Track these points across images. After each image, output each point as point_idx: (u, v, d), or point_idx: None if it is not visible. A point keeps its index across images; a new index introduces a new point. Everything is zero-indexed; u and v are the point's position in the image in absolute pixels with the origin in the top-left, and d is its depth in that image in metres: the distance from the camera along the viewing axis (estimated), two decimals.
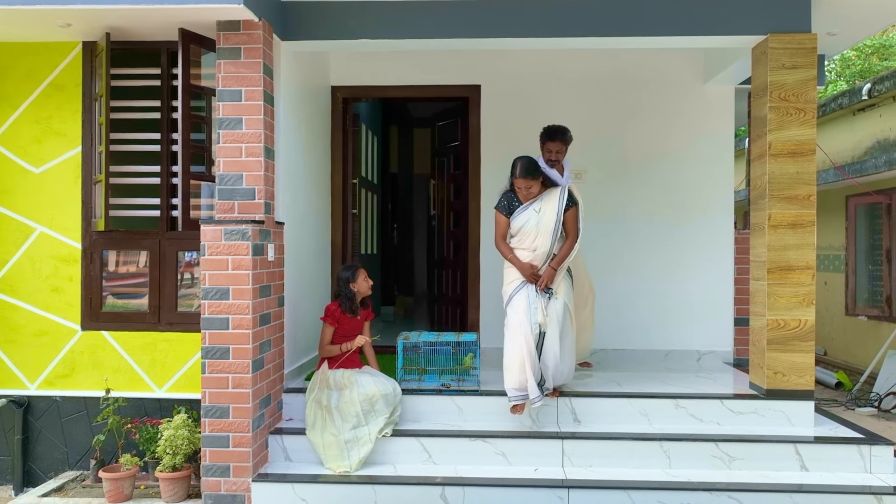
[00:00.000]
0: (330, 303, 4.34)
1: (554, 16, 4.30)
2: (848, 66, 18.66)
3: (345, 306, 4.26)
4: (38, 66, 4.57)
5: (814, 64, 4.24)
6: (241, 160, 4.01)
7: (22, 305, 4.58)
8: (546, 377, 4.12)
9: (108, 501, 3.97)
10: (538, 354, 4.06)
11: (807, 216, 4.25)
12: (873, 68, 18.06)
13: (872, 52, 17.94)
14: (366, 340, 4.33)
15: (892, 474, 3.92)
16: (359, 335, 4.30)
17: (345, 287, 4.28)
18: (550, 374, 4.14)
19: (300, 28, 4.37)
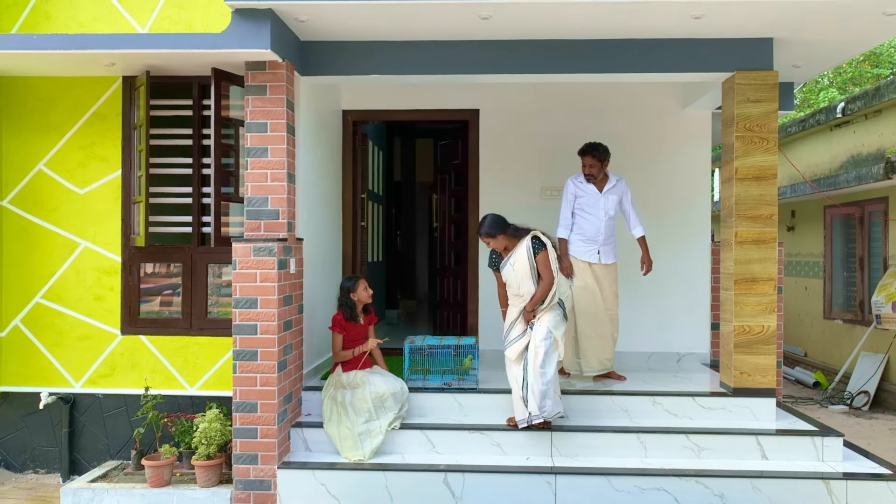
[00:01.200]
0: (335, 313, 4.84)
1: (546, 55, 4.81)
2: (840, 74, 19.18)
3: (347, 314, 4.76)
4: (82, 97, 5.10)
5: (775, 98, 4.77)
6: (266, 184, 4.54)
7: (68, 312, 5.11)
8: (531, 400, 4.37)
9: (149, 486, 4.48)
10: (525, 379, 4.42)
11: (769, 233, 4.78)
12: (864, 75, 18.57)
13: (864, 60, 18.43)
14: (377, 343, 4.85)
15: (841, 462, 4.44)
16: (369, 339, 4.82)
17: (346, 297, 4.79)
18: (538, 401, 4.35)
19: (318, 65, 4.89)
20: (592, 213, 5.16)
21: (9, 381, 5.12)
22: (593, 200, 5.15)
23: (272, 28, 4.30)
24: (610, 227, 5.21)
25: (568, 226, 5.23)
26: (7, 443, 5.16)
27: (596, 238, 5.15)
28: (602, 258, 5.17)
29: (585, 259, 5.17)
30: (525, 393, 4.43)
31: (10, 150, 5.11)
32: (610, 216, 5.19)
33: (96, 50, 4.42)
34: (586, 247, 5.17)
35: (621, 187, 5.23)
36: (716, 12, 4.27)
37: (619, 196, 5.23)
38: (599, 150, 5.11)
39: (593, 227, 5.15)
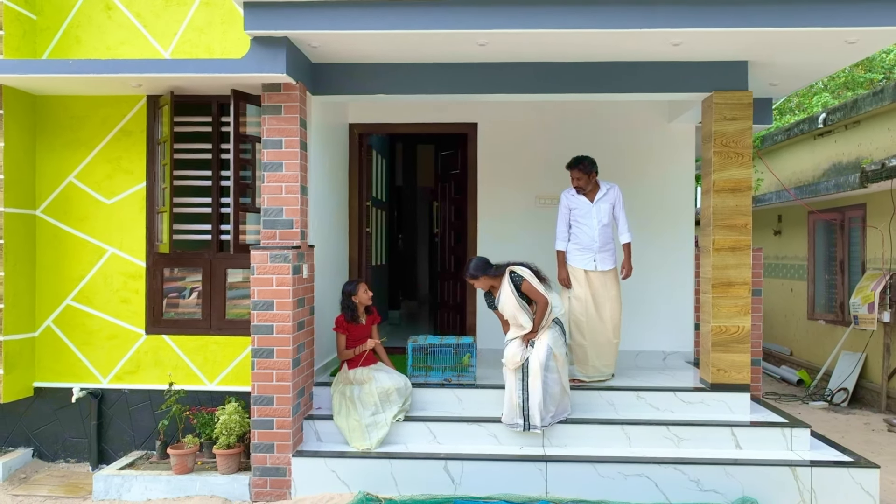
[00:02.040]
0: (338, 315, 5.24)
1: (539, 76, 5.21)
2: (833, 78, 19.53)
3: (349, 316, 5.17)
4: (110, 115, 5.51)
5: (750, 116, 5.16)
6: (281, 196, 4.94)
7: (96, 314, 5.52)
8: (533, 414, 4.77)
9: (174, 473, 4.89)
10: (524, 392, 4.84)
11: (744, 241, 5.18)
12: (857, 80, 18.94)
13: (857, 65, 18.79)
14: (376, 343, 5.25)
15: (808, 451, 4.84)
16: (368, 339, 5.21)
17: (347, 299, 5.19)
18: (538, 412, 4.75)
19: (328, 85, 5.29)
20: (586, 223, 5.43)
21: (42, 378, 5.53)
22: (586, 210, 5.45)
23: (287, 54, 4.70)
24: (605, 235, 5.44)
25: (565, 238, 5.51)
26: (40, 434, 5.57)
27: (591, 246, 5.42)
28: (598, 265, 5.41)
29: (582, 267, 5.43)
30: (526, 407, 4.81)
31: (44, 163, 5.52)
32: (603, 224, 5.44)
33: (127, 74, 4.83)
34: (582, 255, 5.44)
35: (612, 195, 5.48)
36: (691, 40, 4.67)
37: (612, 203, 5.47)
38: (584, 163, 5.37)
39: (588, 236, 5.42)
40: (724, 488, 4.60)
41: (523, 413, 4.82)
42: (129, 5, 5.43)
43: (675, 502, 4.59)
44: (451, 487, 4.70)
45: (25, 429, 5.57)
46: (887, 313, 7.33)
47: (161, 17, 5.43)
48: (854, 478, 4.56)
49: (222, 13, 5.39)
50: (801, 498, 4.55)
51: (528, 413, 4.80)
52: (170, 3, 5.42)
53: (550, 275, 5.27)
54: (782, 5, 4.39)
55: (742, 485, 4.60)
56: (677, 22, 4.42)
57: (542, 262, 6.23)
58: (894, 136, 7.51)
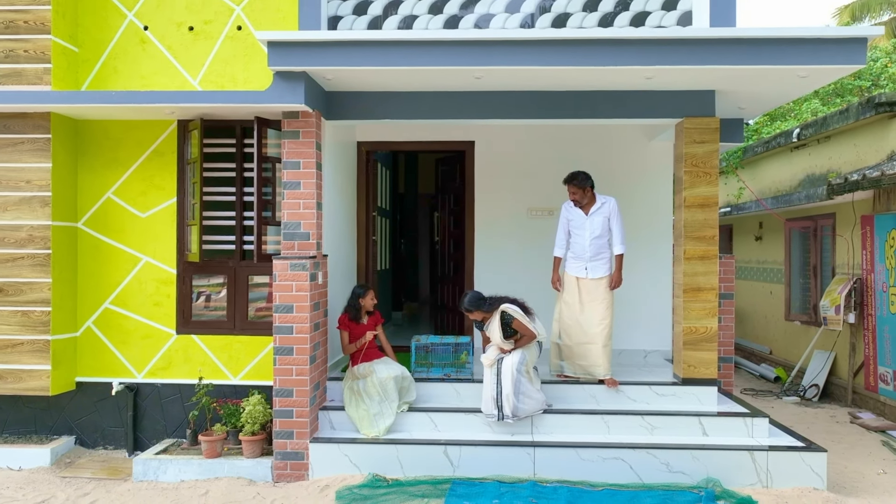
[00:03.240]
0: (342, 314, 5.85)
1: (528, 104, 5.84)
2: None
3: (351, 315, 5.78)
4: (144, 137, 6.13)
5: (716, 140, 5.78)
6: (299, 211, 5.56)
7: (132, 315, 6.14)
8: (504, 405, 5.38)
9: (204, 457, 5.51)
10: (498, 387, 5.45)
11: (712, 251, 5.80)
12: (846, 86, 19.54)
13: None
14: (373, 335, 5.83)
15: (766, 438, 5.46)
16: (367, 332, 5.81)
17: (354, 300, 5.81)
18: (510, 405, 5.37)
19: (340, 111, 5.92)
20: (580, 234, 5.91)
21: (83, 373, 6.15)
22: (580, 222, 5.92)
23: (305, 85, 5.33)
24: (596, 246, 5.83)
25: (563, 245, 6.00)
26: (82, 424, 6.19)
27: (583, 255, 5.89)
28: (589, 273, 5.87)
29: (574, 274, 5.92)
30: (499, 399, 5.43)
31: (85, 181, 6.15)
32: (595, 236, 5.83)
33: (163, 104, 5.45)
34: (575, 263, 5.94)
35: (607, 209, 5.88)
36: (661, 75, 5.30)
37: (606, 217, 5.87)
38: (578, 178, 5.83)
39: (581, 246, 5.89)
40: (690, 470, 5.22)
41: (497, 405, 5.43)
42: (161, 39, 6.05)
43: (648, 482, 5.21)
44: (450, 469, 5.32)
45: (68, 419, 6.19)
46: (852, 315, 7.95)
47: (190, 50, 6.05)
48: (805, 460, 5.18)
49: (245, 46, 6.01)
50: (758, 478, 5.18)
51: (500, 405, 5.41)
52: (198, 38, 6.04)
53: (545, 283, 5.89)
54: (740, 46, 5.02)
55: (707, 467, 5.21)
56: (647, 61, 5.05)
57: (533, 270, 6.95)
58: (859, 152, 8.13)
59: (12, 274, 5.78)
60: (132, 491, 5.28)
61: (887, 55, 16.97)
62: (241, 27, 6.01)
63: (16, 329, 5.79)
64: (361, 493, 5.00)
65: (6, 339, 5.78)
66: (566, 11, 5.90)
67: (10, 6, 5.75)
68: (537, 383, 5.59)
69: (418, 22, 5.96)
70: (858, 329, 8.02)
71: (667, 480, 5.21)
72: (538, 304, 5.91)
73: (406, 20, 5.96)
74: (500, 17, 5.94)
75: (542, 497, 4.91)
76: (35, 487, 5.36)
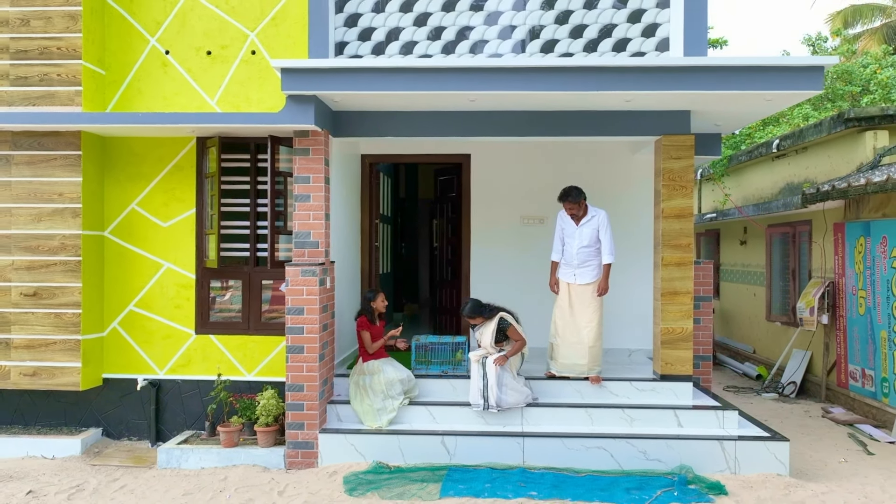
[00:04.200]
0: (360, 317, 6.37)
1: (519, 123, 6.36)
2: None
3: (369, 318, 6.32)
4: (165, 153, 6.65)
5: (691, 156, 6.30)
6: (309, 222, 6.08)
7: (154, 317, 6.67)
8: (490, 396, 5.94)
9: (222, 447, 6.03)
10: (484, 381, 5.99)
11: (687, 258, 6.32)
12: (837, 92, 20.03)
13: (837, 77, 19.87)
14: (399, 331, 6.39)
15: (736, 429, 5.98)
16: (391, 331, 6.35)
17: (367, 304, 6.35)
18: (494, 396, 5.93)
19: (346, 129, 6.44)
20: (570, 242, 6.36)
21: (109, 370, 6.68)
22: (571, 232, 6.37)
23: (315, 107, 5.85)
24: (583, 255, 6.24)
25: (558, 251, 6.44)
26: (108, 417, 6.72)
27: (571, 262, 6.35)
28: (577, 279, 6.33)
29: (565, 280, 6.39)
30: (486, 391, 5.96)
31: (111, 193, 6.68)
32: (583, 245, 6.23)
33: (184, 124, 5.98)
34: (566, 269, 6.40)
35: (597, 221, 6.30)
36: (639, 98, 5.81)
37: (595, 228, 6.30)
38: (572, 194, 6.25)
39: (570, 254, 6.35)
40: (665, 458, 5.74)
41: (483, 395, 5.95)
42: (181, 62, 6.58)
43: (627, 469, 5.73)
44: (446, 457, 5.84)
45: (96, 412, 6.72)
46: (825, 316, 8.47)
47: (208, 72, 6.57)
48: (769, 449, 5.70)
49: (259, 70, 6.54)
50: (727, 465, 5.69)
51: (486, 395, 5.93)
52: (215, 61, 6.57)
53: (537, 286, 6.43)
54: (711, 73, 5.54)
55: (680, 455, 5.73)
56: (626, 86, 5.57)
57: (526, 274, 7.46)
58: (833, 163, 8.65)
59: (46, 279, 6.30)
60: (157, 477, 5.80)
61: (877, 61, 17.37)
62: (255, 52, 6.53)
63: (49, 329, 6.31)
64: (366, 478, 5.52)
65: (41, 338, 6.31)
66: (554, 38, 6.42)
67: (45, 34, 6.27)
68: (521, 380, 6.12)
69: (418, 47, 6.49)
70: (831, 329, 8.54)
71: (644, 467, 5.73)
72: (529, 305, 6.45)
73: (407, 45, 6.48)
74: (494, 42, 6.46)
75: (530, 482, 5.43)
76: (68, 474, 5.89)
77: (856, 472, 5.99)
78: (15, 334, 6.32)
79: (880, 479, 5.77)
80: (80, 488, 5.55)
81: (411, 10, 6.52)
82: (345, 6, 6.56)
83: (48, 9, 6.25)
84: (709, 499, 5.19)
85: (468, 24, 6.50)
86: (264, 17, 6.52)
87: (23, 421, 6.71)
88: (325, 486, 5.46)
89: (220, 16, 6.53)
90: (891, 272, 7.20)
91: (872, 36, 21.20)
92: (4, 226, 6.33)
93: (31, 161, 6.32)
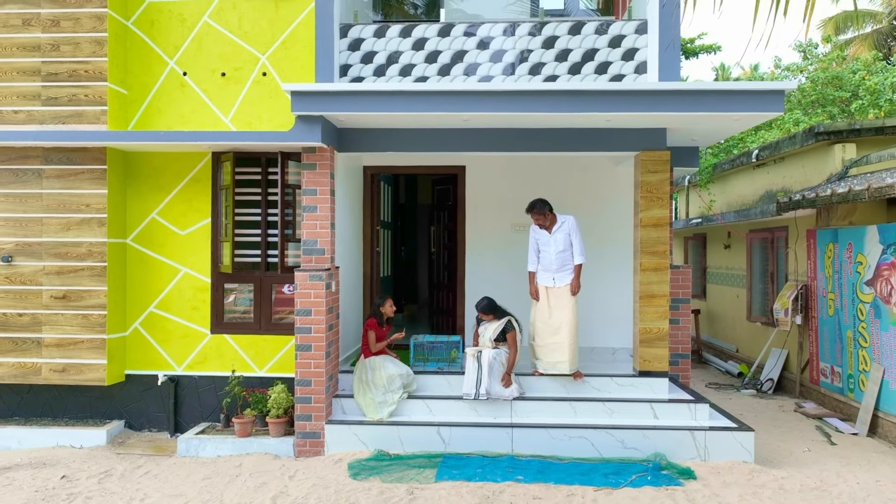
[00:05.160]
0: (370, 319, 6.93)
1: (510, 139, 6.89)
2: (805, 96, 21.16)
3: (379, 321, 6.88)
4: (183, 166, 7.21)
5: (667, 170, 6.84)
6: (316, 231, 6.63)
7: (173, 318, 7.23)
8: (482, 383, 6.52)
9: (237, 437, 6.59)
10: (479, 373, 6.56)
11: (663, 264, 6.87)
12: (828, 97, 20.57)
13: (827, 83, 20.39)
14: (402, 335, 6.96)
15: (707, 420, 6.53)
16: (395, 335, 6.92)
17: (377, 308, 6.91)
18: (485, 386, 6.51)
19: (350, 145, 6.99)
20: (546, 250, 6.93)
21: (131, 367, 7.24)
22: (545, 240, 6.96)
23: (322, 126, 6.40)
24: (561, 259, 6.80)
25: (534, 261, 6.99)
26: (130, 410, 7.28)
27: (550, 267, 6.91)
28: (557, 282, 6.89)
29: (544, 284, 6.94)
30: (479, 381, 6.53)
31: (133, 203, 7.24)
32: (560, 250, 6.83)
33: (203, 142, 6.54)
34: (545, 274, 6.94)
35: (567, 227, 6.92)
36: (618, 118, 6.37)
37: (567, 233, 6.90)
38: (536, 206, 6.82)
39: (548, 260, 6.92)
40: (642, 446, 6.29)
41: (476, 385, 6.51)
42: (198, 83, 7.13)
43: (606, 456, 6.29)
44: (442, 446, 6.40)
45: (119, 405, 7.28)
46: (799, 317, 9.02)
47: (223, 92, 7.13)
48: (736, 438, 6.25)
49: (269, 90, 7.09)
50: (697, 453, 6.25)
51: (479, 383, 6.49)
52: (229, 82, 7.12)
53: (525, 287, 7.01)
54: (682, 97, 6.09)
55: (655, 444, 6.29)
56: (606, 108, 6.12)
57: (516, 275, 8.00)
58: (806, 173, 9.20)
59: (75, 283, 6.86)
60: (178, 464, 6.36)
61: (866, 67, 17.84)
62: (266, 73, 7.09)
63: (77, 329, 6.87)
64: (369, 464, 6.08)
65: (70, 338, 6.87)
66: (541, 61, 6.98)
67: (73, 58, 6.83)
68: (509, 377, 6.67)
69: (416, 69, 7.05)
70: (805, 330, 9.10)
71: (622, 455, 6.29)
72: (518, 303, 7.01)
73: (406, 68, 7.04)
74: (486, 65, 7.02)
75: (517, 468, 5.99)
76: (96, 462, 6.45)
77: (817, 460, 6.55)
78: (46, 333, 6.88)
79: (837, 466, 6.32)
80: (108, 474, 6.11)
81: (410, 36, 7.07)
82: (349, 31, 7.11)
83: (77, 35, 6.81)
84: (679, 483, 5.74)
85: (462, 49, 7.05)
86: (274, 41, 7.07)
87: (52, 413, 7.27)
88: (331, 472, 6.01)
89: (234, 40, 7.08)
90: (856, 276, 7.75)
91: (863, 42, 21.73)
92: (36, 234, 6.89)
93: (61, 175, 6.88)
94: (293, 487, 5.67)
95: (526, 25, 7.06)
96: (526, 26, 7.06)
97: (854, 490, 5.71)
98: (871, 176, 7.55)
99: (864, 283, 7.57)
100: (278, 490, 5.61)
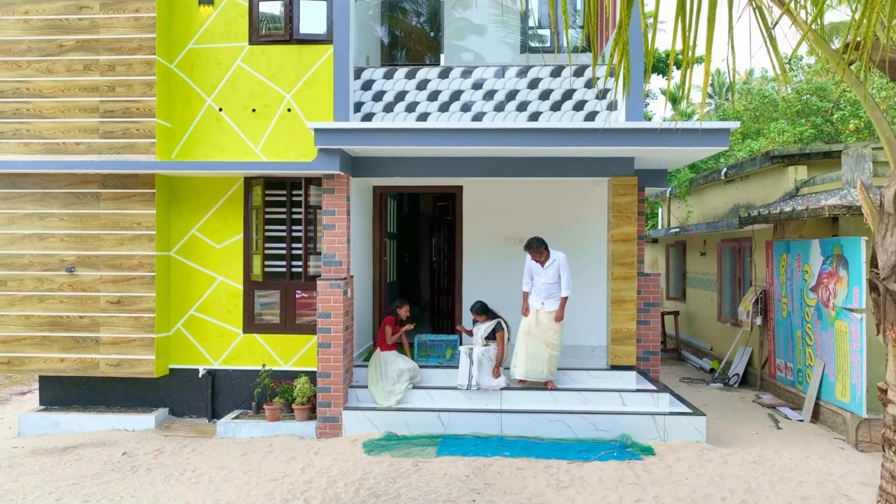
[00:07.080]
0: (389, 317, 8.08)
1: (502, 166, 8.04)
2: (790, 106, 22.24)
3: (396, 320, 8.04)
4: (218, 189, 8.37)
5: (635, 193, 7.98)
6: (335, 245, 7.78)
7: (210, 320, 8.38)
8: (474, 375, 7.65)
9: (268, 421, 7.74)
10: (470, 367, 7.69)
11: (632, 273, 8.01)
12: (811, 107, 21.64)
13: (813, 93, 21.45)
14: (412, 326, 8.11)
15: (667, 406, 7.67)
16: (406, 326, 8.07)
17: (395, 311, 8.07)
18: (476, 378, 7.68)
19: (363, 171, 8.14)
20: (537, 280, 7.91)
21: (175, 362, 8.40)
22: (538, 272, 7.92)
23: (340, 157, 7.55)
24: (549, 289, 7.67)
25: (528, 283, 7.95)
26: (173, 399, 8.44)
27: (540, 294, 7.89)
28: (545, 307, 7.84)
29: (534, 306, 7.93)
30: (471, 374, 7.66)
31: (175, 221, 8.40)
32: (549, 283, 7.74)
33: (237, 171, 7.70)
34: (535, 297, 7.92)
35: (558, 263, 7.81)
36: (591, 150, 7.51)
37: (557, 269, 7.82)
38: (534, 246, 7.77)
39: (539, 287, 7.88)
40: (611, 429, 7.43)
41: (469, 378, 7.64)
42: (232, 117, 8.29)
43: (581, 437, 7.43)
44: (441, 429, 7.55)
45: (163, 395, 8.44)
46: (759, 318, 10.16)
47: (253, 126, 8.28)
48: (691, 422, 7.40)
49: (293, 124, 8.25)
50: (657, 434, 7.39)
51: (471, 374, 7.63)
52: (258, 118, 8.28)
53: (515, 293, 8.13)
54: (646, 134, 7.23)
55: (623, 426, 7.43)
56: (579, 143, 7.27)
57: (507, 282, 9.12)
58: (766, 190, 10.35)
59: (127, 290, 8.02)
60: (218, 444, 7.51)
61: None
62: (290, 109, 8.24)
63: (129, 329, 8.03)
64: (380, 443, 7.23)
65: (123, 336, 8.03)
66: (527, 99, 8.13)
67: (126, 97, 7.98)
68: (497, 372, 7.82)
69: (419, 106, 8.20)
70: (764, 330, 10.24)
71: (594, 436, 7.44)
72: (508, 306, 8.15)
73: (411, 105, 8.19)
74: (479, 103, 8.17)
75: (505, 446, 7.14)
76: (148, 442, 7.60)
77: (761, 441, 7.69)
78: (103, 333, 8.04)
79: (777, 446, 7.47)
80: (160, 451, 7.26)
81: (414, 78, 8.23)
82: (362, 73, 8.26)
83: (130, 78, 7.96)
84: (640, 458, 6.89)
85: (459, 88, 8.20)
86: (298, 81, 8.22)
87: (105, 402, 8.43)
88: (348, 449, 7.17)
89: (263, 81, 8.24)
90: (803, 283, 8.90)
91: None
92: (94, 248, 8.05)
93: (116, 197, 8.03)
94: (318, 461, 6.83)
95: (514, 69, 8.21)
96: (514, 69, 8.21)
97: (785, 463, 6.86)
98: (813, 196, 8.70)
99: (810, 289, 8.72)
100: (306, 462, 6.77)
